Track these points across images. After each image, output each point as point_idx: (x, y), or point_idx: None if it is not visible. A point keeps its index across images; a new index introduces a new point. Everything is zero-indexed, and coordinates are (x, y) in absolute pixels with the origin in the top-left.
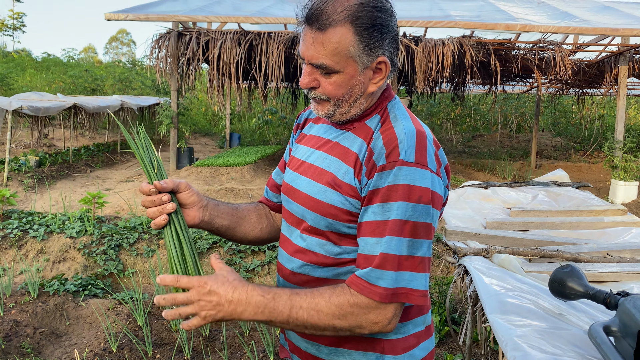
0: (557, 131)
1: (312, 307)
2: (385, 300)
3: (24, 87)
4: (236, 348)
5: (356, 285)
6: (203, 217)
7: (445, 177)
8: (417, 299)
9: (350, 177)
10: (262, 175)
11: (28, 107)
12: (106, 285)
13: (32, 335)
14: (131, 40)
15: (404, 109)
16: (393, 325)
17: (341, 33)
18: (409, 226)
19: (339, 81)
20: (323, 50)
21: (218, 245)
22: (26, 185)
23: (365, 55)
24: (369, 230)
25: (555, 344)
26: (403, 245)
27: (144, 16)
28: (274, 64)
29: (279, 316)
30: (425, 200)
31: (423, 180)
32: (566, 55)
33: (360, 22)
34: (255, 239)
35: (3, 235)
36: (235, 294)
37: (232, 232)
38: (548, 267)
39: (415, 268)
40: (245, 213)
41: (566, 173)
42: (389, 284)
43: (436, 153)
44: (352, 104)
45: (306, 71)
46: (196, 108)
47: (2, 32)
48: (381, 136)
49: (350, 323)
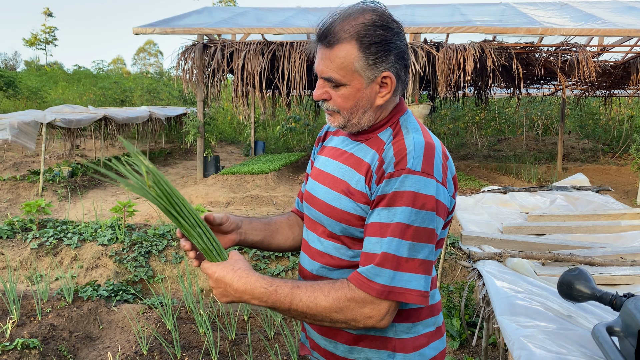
0: (585, 133)
1: (312, 301)
2: (381, 296)
3: (57, 99)
4: (261, 351)
5: (356, 280)
6: (239, 238)
7: (452, 186)
8: (415, 298)
9: (362, 185)
10: (285, 182)
11: (61, 120)
12: (136, 291)
13: (68, 339)
14: (158, 51)
15: (415, 122)
16: (386, 321)
17: (347, 49)
18: (411, 230)
19: (346, 94)
20: (331, 65)
21: (243, 251)
22: (60, 195)
23: (370, 70)
24: (372, 231)
25: (561, 344)
26: (404, 247)
27: (171, 30)
28: (297, 73)
29: (281, 306)
30: (429, 207)
31: (428, 189)
32: (590, 57)
33: (364, 39)
34: (289, 248)
35: (40, 243)
36: (239, 283)
37: (267, 245)
38: (561, 271)
39: (415, 270)
40: (277, 226)
41: (586, 177)
42: (385, 282)
43: (444, 164)
44: (362, 116)
45: (319, 84)
46: (222, 117)
47: (35, 46)
48: (392, 147)
49: (346, 316)
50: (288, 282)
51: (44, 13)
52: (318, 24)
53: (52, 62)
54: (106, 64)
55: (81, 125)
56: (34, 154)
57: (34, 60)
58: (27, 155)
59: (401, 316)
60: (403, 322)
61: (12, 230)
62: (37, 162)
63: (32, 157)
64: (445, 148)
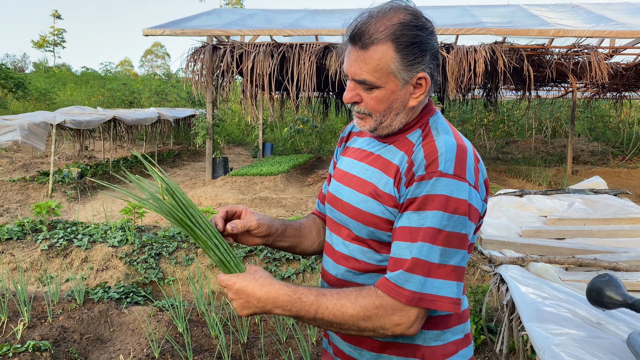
0: (594, 136)
1: (338, 309)
2: (411, 303)
3: (65, 101)
4: (273, 355)
5: (384, 286)
6: (265, 243)
7: (484, 190)
8: (447, 306)
9: (390, 188)
10: (294, 184)
11: (71, 121)
12: (147, 293)
13: (79, 341)
14: (165, 53)
15: (445, 124)
16: (415, 329)
17: (382, 51)
18: (443, 235)
19: (380, 96)
20: (365, 67)
21: (254, 254)
22: (69, 196)
23: (406, 72)
24: (402, 235)
25: (593, 353)
26: (435, 253)
27: (180, 31)
28: (306, 75)
29: (305, 315)
30: (461, 212)
31: (460, 192)
32: (602, 59)
33: (401, 40)
34: (314, 252)
35: (50, 244)
36: (262, 292)
37: (292, 250)
38: (585, 276)
39: (447, 276)
40: (307, 231)
41: (603, 180)
42: (416, 288)
43: (476, 167)
44: (394, 118)
45: (349, 87)
46: (230, 119)
47: (43, 48)
48: (422, 149)
49: (374, 324)
50: (313, 290)
51: (53, 15)
52: (348, 23)
53: (60, 64)
54: (114, 65)
55: (90, 127)
56: (43, 155)
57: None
58: (37, 156)
59: (430, 323)
60: (432, 329)
61: (22, 231)
62: (47, 163)
63: (41, 159)
64: (476, 150)
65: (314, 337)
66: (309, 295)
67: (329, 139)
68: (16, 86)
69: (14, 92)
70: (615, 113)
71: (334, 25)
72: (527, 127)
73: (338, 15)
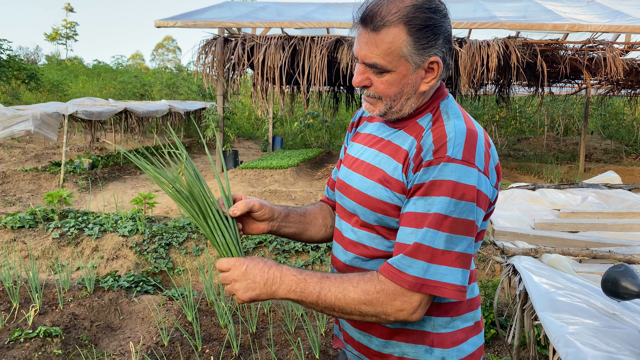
0: (607, 134)
1: (340, 291)
2: (414, 288)
3: (77, 93)
4: (282, 345)
5: (387, 271)
6: (271, 229)
7: (495, 176)
8: (451, 293)
9: (398, 173)
10: (304, 177)
11: (83, 112)
12: (157, 282)
13: (89, 328)
14: (176, 47)
15: (457, 108)
16: (419, 314)
17: (394, 34)
18: (449, 221)
19: (390, 80)
20: (376, 50)
21: (263, 245)
22: (80, 186)
23: (418, 55)
24: (407, 221)
25: (609, 342)
26: (440, 239)
27: (192, 23)
28: (317, 68)
29: (309, 296)
30: (469, 198)
31: (469, 178)
32: (617, 55)
33: (413, 23)
34: (321, 239)
35: (61, 233)
36: (270, 272)
37: (299, 237)
38: (599, 268)
39: (452, 263)
40: (312, 218)
41: (618, 175)
42: (418, 273)
43: (487, 152)
44: (404, 103)
45: (359, 70)
46: (240, 112)
47: (56, 41)
48: (431, 134)
49: (376, 309)
50: (317, 273)
51: (65, 8)
52: (359, 5)
53: (72, 56)
54: (125, 59)
55: (102, 118)
56: (54, 146)
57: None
58: (49, 147)
59: (440, 310)
60: (442, 316)
61: (34, 219)
62: (58, 153)
63: (53, 149)
64: (487, 135)
65: (323, 328)
66: (313, 276)
67: (339, 133)
68: (29, 77)
69: (27, 83)
70: (629, 111)
71: (346, 18)
72: (539, 124)
73: (350, 9)
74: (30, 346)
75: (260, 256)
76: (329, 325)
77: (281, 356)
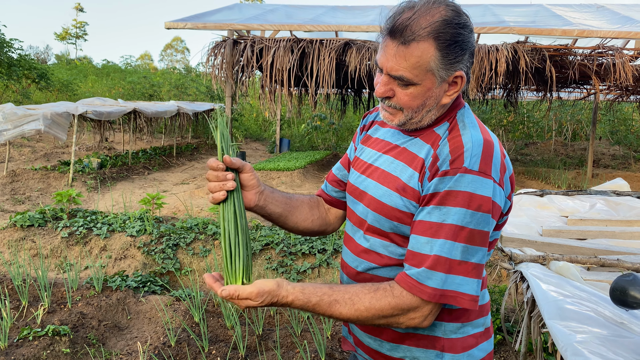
0: (616, 139)
1: (352, 313)
2: (433, 299)
3: (87, 92)
4: (288, 347)
5: (406, 283)
6: (258, 202)
7: (509, 186)
8: (467, 302)
9: (414, 182)
10: (311, 180)
11: (92, 112)
12: (164, 283)
13: (97, 327)
14: (185, 48)
15: (473, 118)
16: (429, 322)
17: (424, 48)
18: (465, 232)
19: (415, 93)
20: (404, 64)
21: (270, 247)
22: (89, 186)
23: (445, 70)
24: (422, 229)
25: (617, 352)
26: (457, 250)
27: (202, 24)
28: (325, 71)
29: (321, 315)
30: (485, 209)
31: (485, 189)
32: (627, 61)
33: (443, 38)
34: (305, 230)
35: (70, 232)
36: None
37: (284, 220)
38: (608, 276)
39: (468, 273)
40: (299, 203)
41: (626, 182)
42: (437, 285)
43: (502, 163)
44: (425, 115)
45: (383, 81)
46: (248, 114)
47: (66, 40)
48: (448, 144)
49: (389, 321)
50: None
51: (75, 8)
52: (388, 15)
53: (81, 56)
54: (134, 59)
55: (111, 118)
56: (64, 145)
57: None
58: (58, 146)
59: (451, 316)
60: (453, 322)
61: (43, 218)
62: (67, 153)
63: (62, 148)
64: (502, 146)
65: (329, 331)
66: (322, 301)
67: (346, 136)
68: (39, 77)
69: (37, 82)
70: (638, 117)
71: (355, 21)
72: (547, 129)
73: (359, 12)
74: (39, 344)
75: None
76: (335, 328)
77: (287, 358)
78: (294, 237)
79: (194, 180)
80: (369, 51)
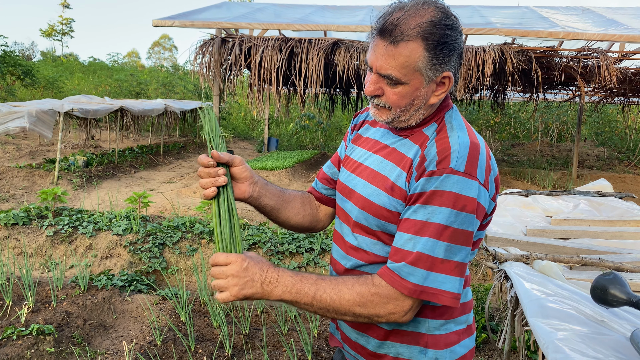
0: (600, 141)
1: (335, 293)
2: (413, 295)
3: (73, 90)
4: (275, 346)
5: (388, 276)
6: (252, 193)
7: (494, 188)
8: (448, 300)
9: (402, 181)
10: (299, 179)
11: (78, 110)
12: (150, 282)
13: (82, 327)
14: (173, 46)
15: (461, 120)
16: (409, 317)
17: (412, 48)
18: (449, 232)
19: (403, 92)
20: (393, 63)
21: (257, 246)
22: (75, 184)
23: (432, 70)
24: (407, 227)
25: (596, 349)
26: (440, 248)
27: (190, 23)
28: (314, 70)
29: (304, 297)
30: (469, 210)
31: (470, 190)
32: (611, 63)
33: (431, 39)
34: (296, 225)
35: (55, 231)
36: (268, 273)
37: (276, 214)
38: (589, 275)
39: (450, 271)
40: (291, 198)
41: (609, 183)
42: (418, 281)
43: (487, 164)
44: (413, 114)
45: (372, 79)
46: (236, 113)
47: (52, 37)
48: (435, 144)
49: (369, 311)
50: (312, 275)
51: (62, 4)
52: (378, 14)
53: (67, 53)
54: (121, 56)
55: (98, 116)
56: (49, 143)
57: (50, 51)
58: (43, 144)
59: (434, 313)
60: (436, 319)
61: (28, 217)
62: (53, 151)
63: (47, 146)
64: (489, 147)
65: (316, 330)
66: (309, 278)
67: (335, 135)
68: (24, 74)
69: (22, 79)
70: (622, 118)
71: (343, 21)
72: (533, 130)
73: (347, 12)
74: (23, 344)
75: None
76: (322, 327)
77: (274, 357)
78: (282, 236)
79: (181, 179)
80: (357, 51)
